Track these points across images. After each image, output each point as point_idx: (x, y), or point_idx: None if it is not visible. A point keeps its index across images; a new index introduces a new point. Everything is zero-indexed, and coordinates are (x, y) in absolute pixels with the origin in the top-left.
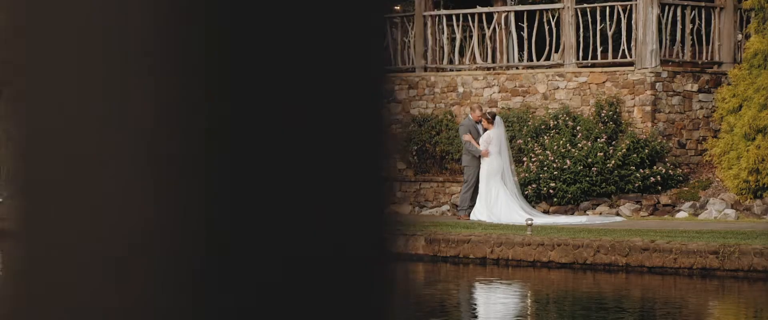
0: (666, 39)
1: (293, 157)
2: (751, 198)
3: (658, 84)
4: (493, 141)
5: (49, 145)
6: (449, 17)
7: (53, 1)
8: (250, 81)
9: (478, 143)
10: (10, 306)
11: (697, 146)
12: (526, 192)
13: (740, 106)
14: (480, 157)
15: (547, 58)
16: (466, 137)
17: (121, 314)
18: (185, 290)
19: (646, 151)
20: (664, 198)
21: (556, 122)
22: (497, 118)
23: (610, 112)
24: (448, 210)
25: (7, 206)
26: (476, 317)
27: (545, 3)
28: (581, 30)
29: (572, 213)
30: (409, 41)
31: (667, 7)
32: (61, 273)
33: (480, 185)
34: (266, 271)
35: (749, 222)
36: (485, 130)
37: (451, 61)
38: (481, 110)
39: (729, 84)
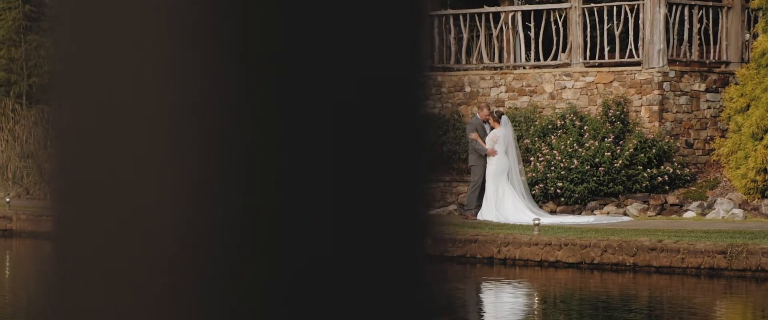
0: (673, 38)
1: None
2: (758, 198)
3: (665, 83)
4: (499, 140)
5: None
6: (456, 17)
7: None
8: (297, 78)
9: (484, 142)
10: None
11: (704, 146)
12: (533, 192)
13: (748, 106)
14: (486, 156)
15: (554, 58)
16: (472, 135)
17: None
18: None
19: (654, 150)
20: (671, 198)
21: (563, 122)
22: (504, 117)
23: (618, 112)
24: (455, 210)
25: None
26: (483, 316)
27: (552, 2)
28: (588, 29)
29: (579, 213)
30: None
31: (674, 7)
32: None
33: (487, 185)
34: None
35: (757, 221)
36: (492, 129)
37: (458, 61)
38: (489, 109)
39: (736, 83)
